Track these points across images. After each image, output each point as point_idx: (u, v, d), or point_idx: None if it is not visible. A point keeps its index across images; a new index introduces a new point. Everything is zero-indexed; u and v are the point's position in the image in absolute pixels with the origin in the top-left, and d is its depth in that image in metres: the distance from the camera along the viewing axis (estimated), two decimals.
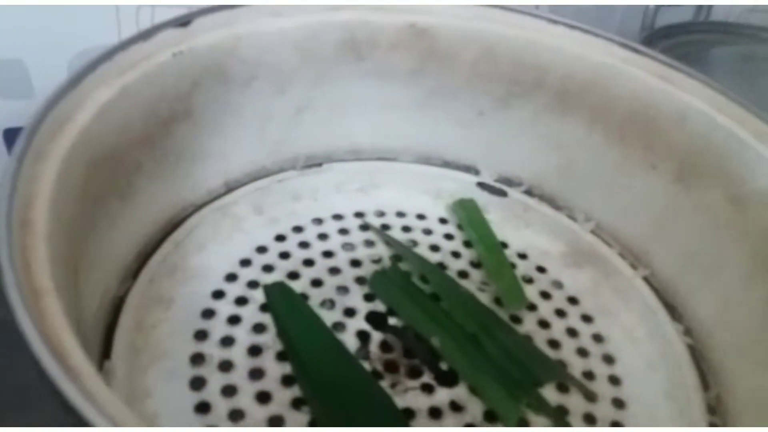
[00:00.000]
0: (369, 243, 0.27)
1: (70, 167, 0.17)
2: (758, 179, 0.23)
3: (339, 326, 0.24)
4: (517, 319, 0.25)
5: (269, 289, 0.24)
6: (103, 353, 0.20)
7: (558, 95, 0.27)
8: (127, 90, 0.20)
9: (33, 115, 0.16)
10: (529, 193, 0.30)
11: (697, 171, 0.25)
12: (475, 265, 0.27)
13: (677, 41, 0.39)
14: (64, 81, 0.18)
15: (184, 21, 0.22)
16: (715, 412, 0.22)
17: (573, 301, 0.26)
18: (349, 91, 0.28)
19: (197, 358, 0.22)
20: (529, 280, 0.27)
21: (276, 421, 0.20)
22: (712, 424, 0.22)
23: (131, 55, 0.20)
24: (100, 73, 0.19)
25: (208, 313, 0.23)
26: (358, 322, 0.24)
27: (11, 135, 0.33)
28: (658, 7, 0.41)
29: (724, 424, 0.22)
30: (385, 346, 0.23)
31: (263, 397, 0.21)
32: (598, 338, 0.25)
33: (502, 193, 0.30)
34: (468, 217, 0.29)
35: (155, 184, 0.23)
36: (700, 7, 0.45)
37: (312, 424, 0.20)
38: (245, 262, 0.25)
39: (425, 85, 0.28)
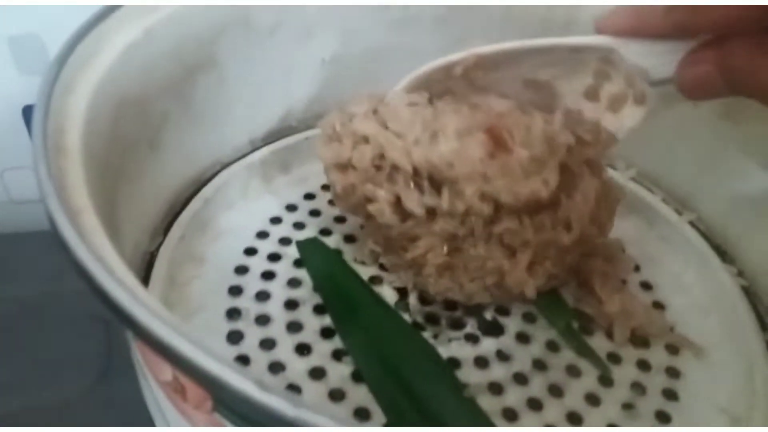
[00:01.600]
0: None
1: (98, 104, 0.16)
2: None
3: (375, 280, 0.23)
4: None
5: (303, 245, 0.23)
6: None
7: None
8: (150, 32, 0.19)
9: (59, 50, 0.16)
10: None
11: (748, 102, 0.23)
12: None
13: None
14: (88, 19, 0.17)
15: None
16: None
17: None
18: (375, 43, 0.27)
19: (233, 313, 0.21)
20: None
21: (317, 372, 0.20)
22: None
23: None
24: (123, 13, 0.18)
25: (242, 270, 0.22)
26: (395, 276, 0.23)
27: (31, 112, 0.32)
28: None
29: None
30: (424, 299, 0.22)
31: (303, 349, 0.20)
32: (646, 286, 0.24)
33: None
34: None
35: (182, 135, 0.22)
36: None
37: (354, 375, 0.20)
38: (275, 220, 0.25)
39: (453, 34, 0.27)
